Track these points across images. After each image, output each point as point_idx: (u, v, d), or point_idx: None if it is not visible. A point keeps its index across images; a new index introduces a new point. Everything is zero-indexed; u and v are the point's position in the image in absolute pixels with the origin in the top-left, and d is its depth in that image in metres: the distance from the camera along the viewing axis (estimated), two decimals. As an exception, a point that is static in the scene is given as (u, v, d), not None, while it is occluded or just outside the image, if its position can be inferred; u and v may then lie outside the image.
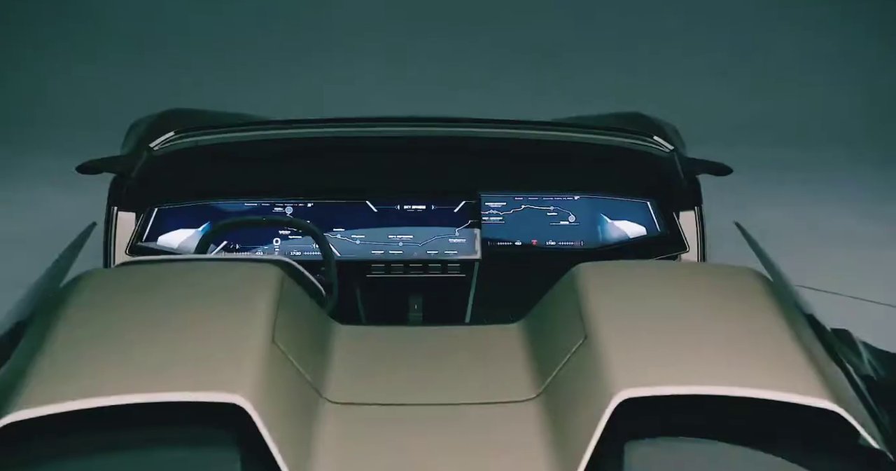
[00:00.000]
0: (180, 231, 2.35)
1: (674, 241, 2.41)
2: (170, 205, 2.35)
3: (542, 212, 2.47)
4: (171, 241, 2.33)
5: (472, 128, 2.35)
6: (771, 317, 1.30)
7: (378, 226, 2.35)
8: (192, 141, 2.33)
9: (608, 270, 1.42)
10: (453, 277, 2.33)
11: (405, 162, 2.38)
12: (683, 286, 1.39)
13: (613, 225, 2.48)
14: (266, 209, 2.37)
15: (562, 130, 2.36)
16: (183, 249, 2.31)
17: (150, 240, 2.31)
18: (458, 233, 2.36)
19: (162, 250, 2.31)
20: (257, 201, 2.37)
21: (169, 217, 2.34)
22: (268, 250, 2.32)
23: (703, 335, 1.27)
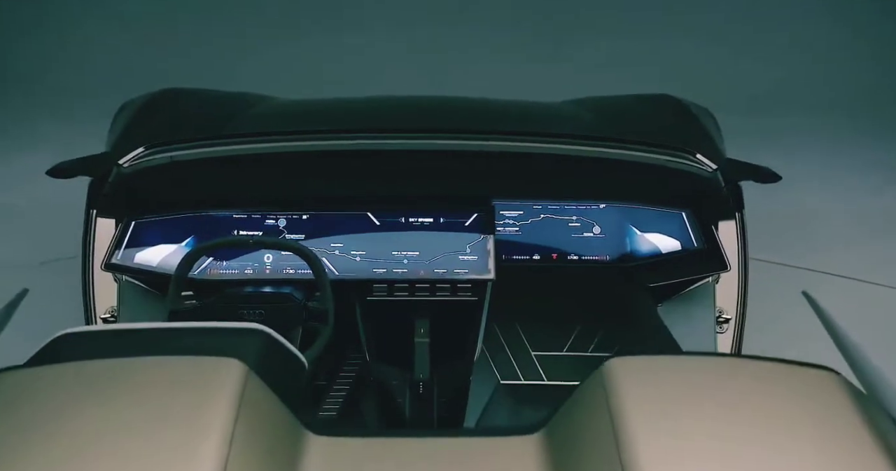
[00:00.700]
0: (160, 247, 2.11)
1: (713, 258, 2.15)
2: (149, 217, 2.11)
3: (564, 222, 2.21)
4: (149, 258, 2.09)
5: (487, 141, 2.05)
6: (858, 444, 1.02)
7: (381, 241, 2.10)
8: (165, 157, 2.05)
9: (646, 368, 1.15)
10: (464, 300, 2.08)
11: (411, 168, 2.10)
12: (742, 393, 1.11)
13: (644, 238, 2.21)
14: (256, 222, 2.12)
15: (590, 145, 2.06)
16: (163, 267, 2.08)
17: (126, 256, 2.07)
18: (470, 249, 2.10)
19: (139, 269, 2.08)
20: (247, 212, 2.13)
21: (148, 231, 2.10)
22: (258, 268, 2.09)
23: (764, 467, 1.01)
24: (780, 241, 3.69)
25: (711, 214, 2.22)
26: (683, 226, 2.20)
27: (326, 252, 2.07)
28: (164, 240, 2.11)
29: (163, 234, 2.11)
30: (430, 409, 1.98)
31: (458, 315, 2.09)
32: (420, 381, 1.96)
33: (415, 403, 1.99)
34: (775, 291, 3.12)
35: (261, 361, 1.14)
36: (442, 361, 2.01)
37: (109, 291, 2.24)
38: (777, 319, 3.08)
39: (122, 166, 2.04)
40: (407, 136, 2.03)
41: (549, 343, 2.67)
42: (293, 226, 2.11)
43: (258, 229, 2.11)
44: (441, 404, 1.99)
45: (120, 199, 2.11)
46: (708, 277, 2.23)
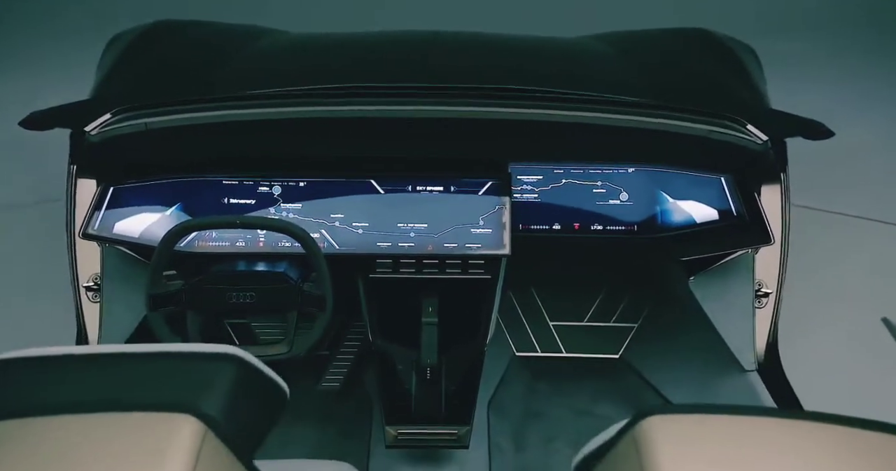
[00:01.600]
0: (143, 215, 1.91)
1: (755, 230, 1.91)
2: (130, 182, 1.90)
3: (587, 188, 1.97)
4: (131, 228, 1.89)
5: (508, 108, 1.78)
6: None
7: (385, 211, 1.88)
8: (139, 124, 1.81)
9: (689, 430, 0.94)
10: (476, 278, 1.87)
11: (418, 129, 1.87)
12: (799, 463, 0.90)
13: (677, 206, 1.98)
14: (249, 189, 1.91)
15: (626, 113, 1.79)
16: (145, 239, 1.88)
17: (105, 226, 1.87)
18: (483, 222, 1.88)
19: (119, 240, 1.89)
20: (238, 178, 1.91)
21: (129, 197, 1.90)
22: (250, 241, 1.89)
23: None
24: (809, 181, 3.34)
25: (755, 179, 1.97)
26: (722, 192, 1.96)
27: (326, 224, 1.87)
28: (148, 208, 1.90)
29: (145, 201, 1.91)
30: (437, 398, 1.80)
31: (469, 294, 1.88)
32: (427, 366, 1.78)
33: (421, 389, 1.81)
34: (809, 242, 2.89)
35: (233, 394, 0.95)
36: (451, 343, 1.83)
37: (93, 256, 2.08)
38: (812, 274, 2.86)
39: (90, 134, 1.81)
40: (416, 101, 1.77)
41: (568, 313, 2.49)
42: (289, 194, 1.90)
43: (251, 197, 1.91)
44: (449, 392, 1.81)
45: (96, 162, 1.91)
46: (748, 249, 2.01)
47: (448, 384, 1.81)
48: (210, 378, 0.95)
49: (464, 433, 1.76)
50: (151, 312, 1.69)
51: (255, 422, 1.01)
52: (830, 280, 2.93)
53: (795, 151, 2.02)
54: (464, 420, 1.78)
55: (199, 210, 1.90)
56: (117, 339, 2.04)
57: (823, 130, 1.83)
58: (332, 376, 2.36)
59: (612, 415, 2.24)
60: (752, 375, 2.02)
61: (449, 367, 1.82)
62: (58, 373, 0.93)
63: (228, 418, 0.91)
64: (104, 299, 2.04)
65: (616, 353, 2.42)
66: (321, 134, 1.88)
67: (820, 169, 3.26)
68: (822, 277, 2.91)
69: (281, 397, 1.09)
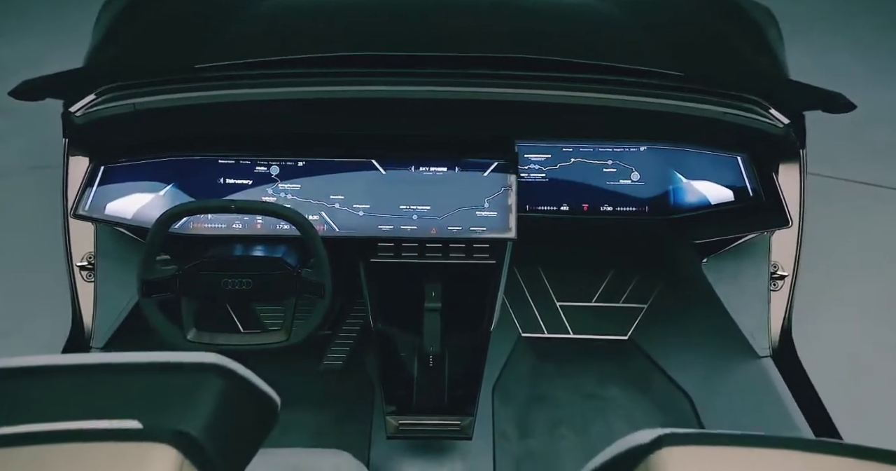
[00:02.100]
0: (136, 196, 1.83)
1: (772, 212, 1.83)
2: (122, 161, 1.83)
3: (597, 167, 1.89)
4: (123, 209, 1.82)
5: (516, 89, 1.67)
6: None
7: (387, 193, 1.80)
8: (126, 105, 1.71)
9: (706, 462, 0.86)
10: (480, 263, 1.80)
11: (422, 107, 1.78)
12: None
13: (691, 186, 1.89)
14: (245, 169, 1.83)
15: (640, 95, 1.68)
16: (138, 220, 1.81)
17: (96, 206, 1.81)
18: (489, 204, 1.80)
19: (111, 221, 1.82)
20: (234, 157, 1.83)
21: (120, 177, 1.82)
22: (247, 223, 1.81)
23: None
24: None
25: (773, 158, 1.89)
26: (738, 172, 1.87)
27: (325, 205, 1.80)
28: (140, 188, 1.83)
29: (138, 180, 1.83)
30: (439, 387, 1.75)
31: (473, 279, 1.81)
32: (430, 353, 1.73)
33: (423, 378, 1.76)
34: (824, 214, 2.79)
35: (218, 410, 0.88)
36: (454, 330, 1.77)
37: (87, 235, 2.02)
38: (823, 244, 2.78)
39: (75, 115, 1.72)
40: (420, 80, 1.67)
41: (576, 293, 2.42)
42: (287, 174, 1.82)
43: (247, 177, 1.83)
44: (452, 381, 1.75)
45: (86, 140, 1.83)
46: (764, 232, 1.93)
47: (451, 373, 1.76)
48: (193, 392, 0.87)
49: (467, 424, 1.71)
50: (144, 299, 1.62)
51: (242, 439, 0.94)
52: (843, 251, 2.84)
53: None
54: (467, 411, 1.72)
55: (194, 190, 1.83)
56: (112, 319, 1.99)
57: (844, 103, 1.71)
58: (334, 355, 2.31)
59: (619, 398, 2.18)
60: (766, 361, 1.95)
61: (452, 355, 1.76)
62: (13, 390, 0.85)
63: (212, 437, 0.84)
64: (98, 279, 1.99)
65: (625, 334, 2.36)
66: (320, 112, 1.79)
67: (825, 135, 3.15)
68: (833, 247, 2.82)
69: (272, 410, 1.01)
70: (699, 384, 2.11)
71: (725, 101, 1.69)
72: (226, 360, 0.93)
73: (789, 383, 1.88)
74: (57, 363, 0.86)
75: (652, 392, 2.18)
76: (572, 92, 1.66)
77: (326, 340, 2.33)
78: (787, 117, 1.70)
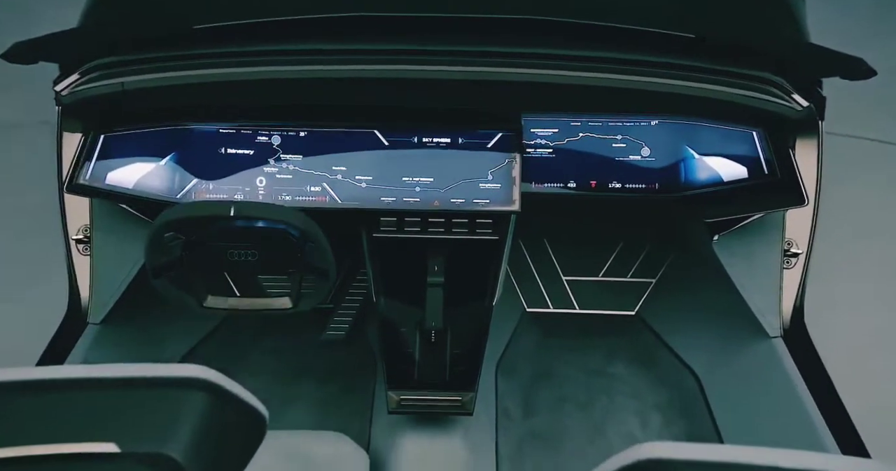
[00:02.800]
0: (136, 165, 1.79)
1: (788, 190, 1.76)
2: (121, 130, 1.78)
3: (606, 142, 1.82)
4: (124, 178, 1.78)
5: (525, 68, 1.62)
6: None
7: (389, 164, 1.77)
8: (114, 84, 1.65)
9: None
10: (483, 239, 1.76)
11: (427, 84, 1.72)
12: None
13: (703, 163, 1.82)
14: (247, 138, 1.79)
15: (654, 76, 1.60)
16: (140, 189, 1.78)
17: (97, 177, 1.76)
18: (492, 176, 1.76)
19: (112, 192, 1.78)
20: (235, 127, 1.79)
21: (119, 147, 1.78)
22: (250, 193, 1.78)
23: None
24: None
25: (790, 133, 1.81)
26: (753, 148, 1.80)
27: (327, 177, 1.77)
28: (141, 157, 1.79)
29: (137, 150, 1.79)
30: (441, 363, 1.72)
31: (476, 254, 1.77)
32: (431, 329, 1.70)
33: (425, 354, 1.73)
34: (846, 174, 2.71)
35: (202, 429, 0.83)
36: (457, 305, 1.74)
37: (83, 208, 1.98)
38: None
39: (61, 94, 1.66)
40: (424, 58, 1.62)
41: (582, 267, 2.37)
42: (289, 144, 1.79)
43: (249, 148, 1.79)
44: (454, 356, 1.72)
45: (79, 111, 1.78)
46: (778, 210, 1.87)
47: (453, 348, 1.73)
48: (175, 410, 0.83)
49: (468, 400, 1.68)
50: (155, 280, 1.62)
51: (228, 459, 0.90)
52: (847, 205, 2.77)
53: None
54: (468, 386, 1.69)
55: (195, 160, 1.79)
56: (109, 293, 1.96)
57: (865, 69, 1.61)
58: (336, 326, 2.29)
59: (625, 375, 2.15)
60: (777, 341, 1.91)
61: (454, 330, 1.73)
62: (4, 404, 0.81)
63: (195, 459, 0.80)
64: (94, 253, 1.96)
65: (632, 310, 2.31)
66: (320, 87, 1.74)
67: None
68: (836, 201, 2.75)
69: (259, 424, 0.97)
70: (706, 363, 2.08)
71: (741, 81, 1.62)
72: (211, 373, 0.88)
73: (799, 364, 1.84)
74: (24, 379, 0.81)
75: (658, 369, 2.15)
76: (582, 72, 1.61)
77: (329, 312, 2.30)
78: (805, 98, 1.63)
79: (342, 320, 2.31)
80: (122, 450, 0.76)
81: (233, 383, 0.90)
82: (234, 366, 2.16)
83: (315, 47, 1.64)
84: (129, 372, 0.84)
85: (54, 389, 0.81)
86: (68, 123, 1.84)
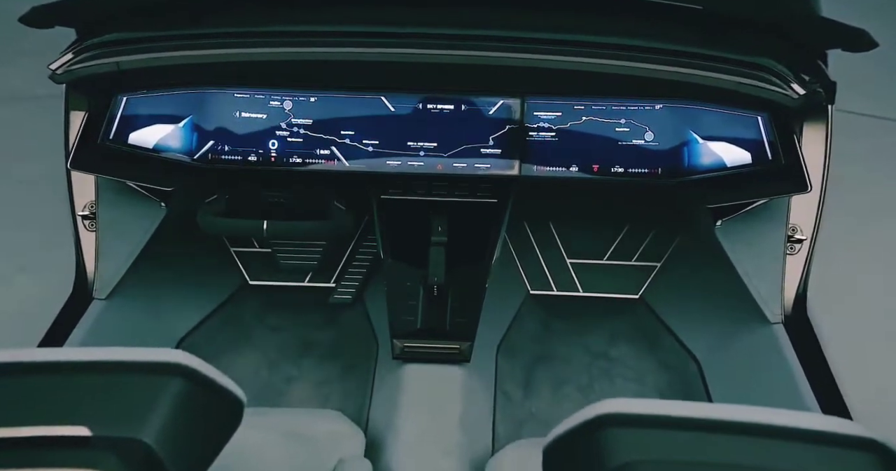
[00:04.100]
0: (156, 127, 1.86)
1: (791, 176, 1.75)
2: (140, 93, 1.84)
3: (610, 126, 1.81)
4: (144, 139, 1.85)
5: (528, 54, 1.65)
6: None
7: (395, 129, 1.85)
8: (109, 63, 1.68)
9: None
10: (483, 202, 1.89)
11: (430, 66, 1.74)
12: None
13: (707, 147, 1.81)
14: (260, 103, 1.84)
15: (655, 63, 1.62)
16: (161, 148, 1.85)
17: (119, 137, 1.84)
18: (494, 142, 1.83)
19: (135, 149, 1.84)
20: (249, 92, 1.84)
21: (141, 108, 1.85)
22: (263, 155, 1.85)
23: None
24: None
25: (797, 117, 1.79)
26: (758, 133, 1.78)
27: (336, 140, 1.85)
28: (160, 118, 1.85)
29: (158, 112, 1.85)
30: (442, 315, 1.81)
31: (477, 216, 1.89)
32: (434, 284, 1.79)
33: (428, 306, 1.82)
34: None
35: (177, 415, 0.84)
36: (458, 264, 1.84)
37: (88, 184, 2.00)
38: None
39: (55, 72, 1.68)
40: (428, 42, 1.66)
41: (586, 250, 2.37)
42: (300, 109, 1.85)
43: (262, 112, 1.86)
44: (454, 309, 1.81)
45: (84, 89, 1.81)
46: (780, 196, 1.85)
47: (453, 301, 1.82)
48: (150, 395, 0.84)
49: (465, 348, 1.79)
50: (211, 221, 1.98)
51: (202, 446, 0.91)
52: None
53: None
54: (467, 336, 1.80)
55: (211, 123, 1.85)
56: (114, 269, 1.99)
57: (868, 41, 1.59)
58: (343, 289, 2.32)
59: (626, 358, 2.15)
60: (777, 327, 1.90)
61: (455, 285, 1.83)
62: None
63: (168, 445, 0.81)
64: (100, 229, 1.99)
65: (636, 293, 2.31)
66: (320, 64, 1.78)
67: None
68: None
69: (236, 411, 0.98)
70: (707, 348, 2.07)
71: (739, 69, 1.60)
72: (189, 358, 0.89)
73: (799, 351, 1.83)
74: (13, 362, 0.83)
75: (660, 353, 2.14)
76: (583, 58, 1.63)
77: (338, 274, 2.34)
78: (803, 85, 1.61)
79: (349, 284, 2.34)
80: (94, 434, 0.78)
81: (210, 368, 0.91)
82: (238, 343, 2.18)
83: (315, 29, 1.66)
84: (106, 356, 0.86)
85: (29, 372, 0.82)
86: (74, 98, 1.87)
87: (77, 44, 1.74)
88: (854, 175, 2.98)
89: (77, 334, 1.85)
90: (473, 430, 1.77)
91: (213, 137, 1.85)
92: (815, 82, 1.67)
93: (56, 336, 1.84)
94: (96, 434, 0.78)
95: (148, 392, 0.84)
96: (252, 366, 2.13)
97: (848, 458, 0.79)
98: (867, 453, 0.79)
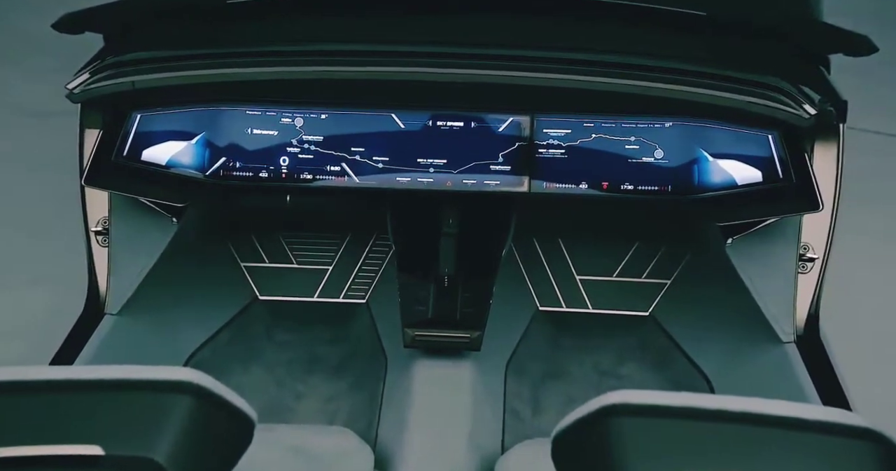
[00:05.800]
0: (169, 143, 1.88)
1: (802, 195, 1.75)
2: (156, 110, 1.87)
3: (619, 143, 1.82)
4: (158, 155, 1.88)
5: (536, 72, 1.68)
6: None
7: (405, 146, 1.87)
8: (124, 82, 1.72)
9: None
10: (494, 192, 1.88)
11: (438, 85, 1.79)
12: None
13: (716, 165, 1.81)
14: (271, 120, 1.87)
15: (663, 82, 1.64)
16: (174, 164, 1.88)
17: (133, 153, 1.86)
18: (503, 159, 1.84)
19: (148, 166, 1.87)
20: (261, 109, 1.87)
21: (154, 125, 1.88)
22: (274, 172, 1.88)
23: None
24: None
25: (808, 136, 1.79)
26: (769, 151, 1.78)
27: (346, 157, 1.87)
28: (173, 136, 1.88)
29: (171, 129, 1.89)
30: (452, 305, 1.83)
31: (488, 211, 1.92)
32: (445, 275, 1.82)
33: (438, 296, 1.84)
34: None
35: (187, 434, 0.84)
36: (468, 256, 1.86)
37: (102, 199, 2.02)
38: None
39: (73, 92, 1.72)
40: (437, 62, 1.70)
41: (596, 266, 2.36)
42: (311, 126, 1.88)
43: (273, 128, 1.89)
44: (464, 299, 1.83)
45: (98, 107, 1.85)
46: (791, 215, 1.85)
47: (463, 292, 1.84)
48: (161, 414, 0.84)
49: (475, 337, 1.80)
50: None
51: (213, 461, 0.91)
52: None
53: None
54: (477, 326, 1.80)
55: (224, 140, 1.88)
56: (126, 284, 2.01)
57: (868, 46, 1.65)
58: (357, 286, 2.32)
59: (635, 376, 2.14)
60: (790, 346, 1.89)
61: (464, 277, 1.85)
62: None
63: (179, 464, 0.81)
64: (112, 245, 2.00)
65: (646, 310, 2.30)
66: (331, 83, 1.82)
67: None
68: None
69: (247, 429, 0.98)
70: (718, 367, 2.06)
71: (749, 88, 1.61)
72: (200, 376, 0.89)
73: (812, 371, 1.82)
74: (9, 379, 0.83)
75: (669, 372, 2.13)
76: (595, 78, 1.66)
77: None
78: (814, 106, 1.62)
79: (362, 283, 2.34)
80: (107, 453, 0.78)
81: (221, 386, 0.91)
82: (247, 358, 2.18)
83: (327, 48, 1.69)
84: (117, 374, 0.86)
85: (40, 390, 0.83)
86: (89, 115, 1.90)
87: (93, 63, 1.77)
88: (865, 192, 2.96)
89: (88, 350, 1.86)
90: (482, 447, 1.76)
91: (225, 154, 1.87)
92: (826, 101, 1.68)
93: (68, 351, 1.85)
94: (108, 453, 0.78)
95: (159, 411, 0.84)
96: (260, 382, 2.13)
97: (847, 447, 0.83)
98: (866, 443, 0.83)
